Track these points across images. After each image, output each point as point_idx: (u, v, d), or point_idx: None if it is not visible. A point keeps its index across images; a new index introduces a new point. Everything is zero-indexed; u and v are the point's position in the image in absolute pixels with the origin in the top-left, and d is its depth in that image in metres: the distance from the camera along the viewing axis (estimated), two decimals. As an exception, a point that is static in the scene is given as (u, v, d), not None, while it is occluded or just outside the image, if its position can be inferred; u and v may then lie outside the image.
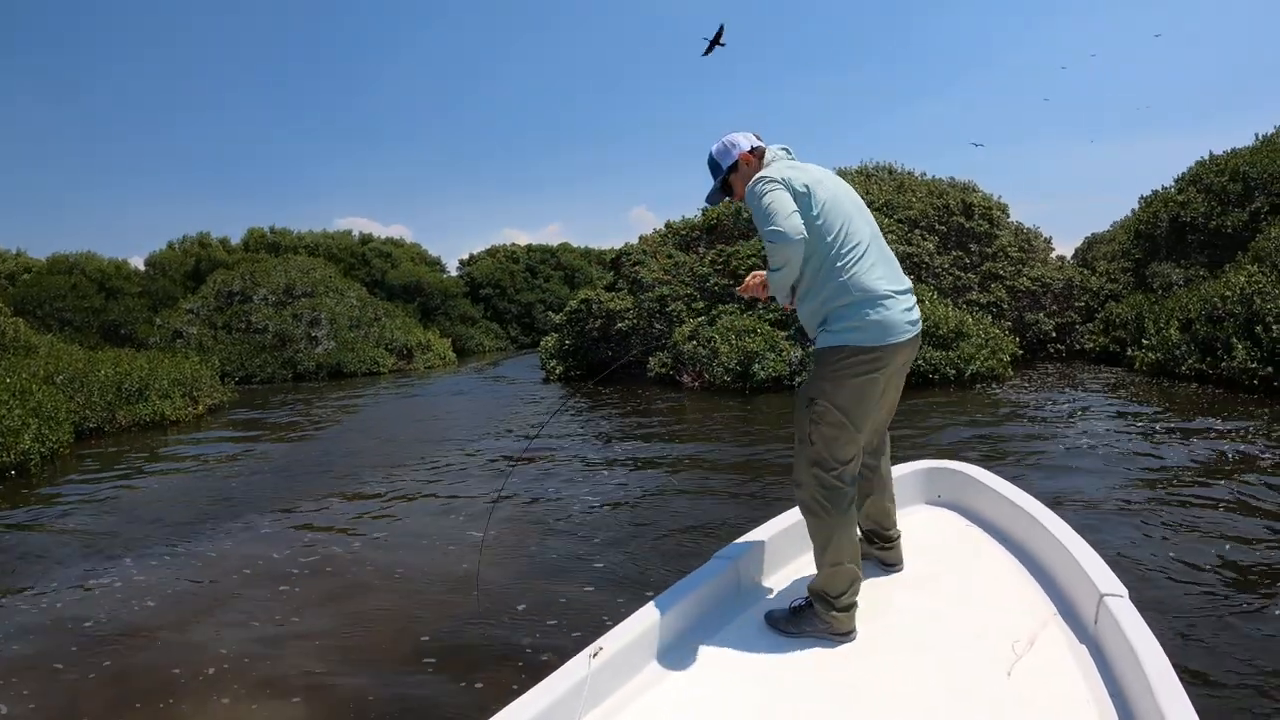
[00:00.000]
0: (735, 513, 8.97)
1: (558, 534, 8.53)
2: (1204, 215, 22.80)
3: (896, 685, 3.16)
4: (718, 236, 25.09)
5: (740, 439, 13.60)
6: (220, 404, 23.42)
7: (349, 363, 36.46)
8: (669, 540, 8.11)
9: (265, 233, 55.15)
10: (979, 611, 3.73)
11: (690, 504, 9.51)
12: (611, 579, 7.05)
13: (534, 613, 6.33)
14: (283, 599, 7.08)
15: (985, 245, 24.01)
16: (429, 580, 7.32)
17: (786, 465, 10.98)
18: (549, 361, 27.74)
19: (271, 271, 40.86)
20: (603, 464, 12.25)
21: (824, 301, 3.75)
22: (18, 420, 13.78)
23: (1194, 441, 11.15)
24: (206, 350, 33.86)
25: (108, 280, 42.13)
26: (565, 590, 6.78)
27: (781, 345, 19.97)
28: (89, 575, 7.92)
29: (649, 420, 16.77)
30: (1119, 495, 8.65)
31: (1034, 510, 4.30)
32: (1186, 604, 5.68)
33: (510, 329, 57.72)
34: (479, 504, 10.06)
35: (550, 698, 2.86)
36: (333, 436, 17.48)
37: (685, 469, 11.45)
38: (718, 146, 4.07)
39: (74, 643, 6.26)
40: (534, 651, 5.58)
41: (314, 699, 5.16)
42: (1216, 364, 16.58)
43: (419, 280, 53.65)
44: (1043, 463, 10.38)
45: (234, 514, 10.17)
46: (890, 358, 3.71)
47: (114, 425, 18.35)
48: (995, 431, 12.75)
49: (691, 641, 3.58)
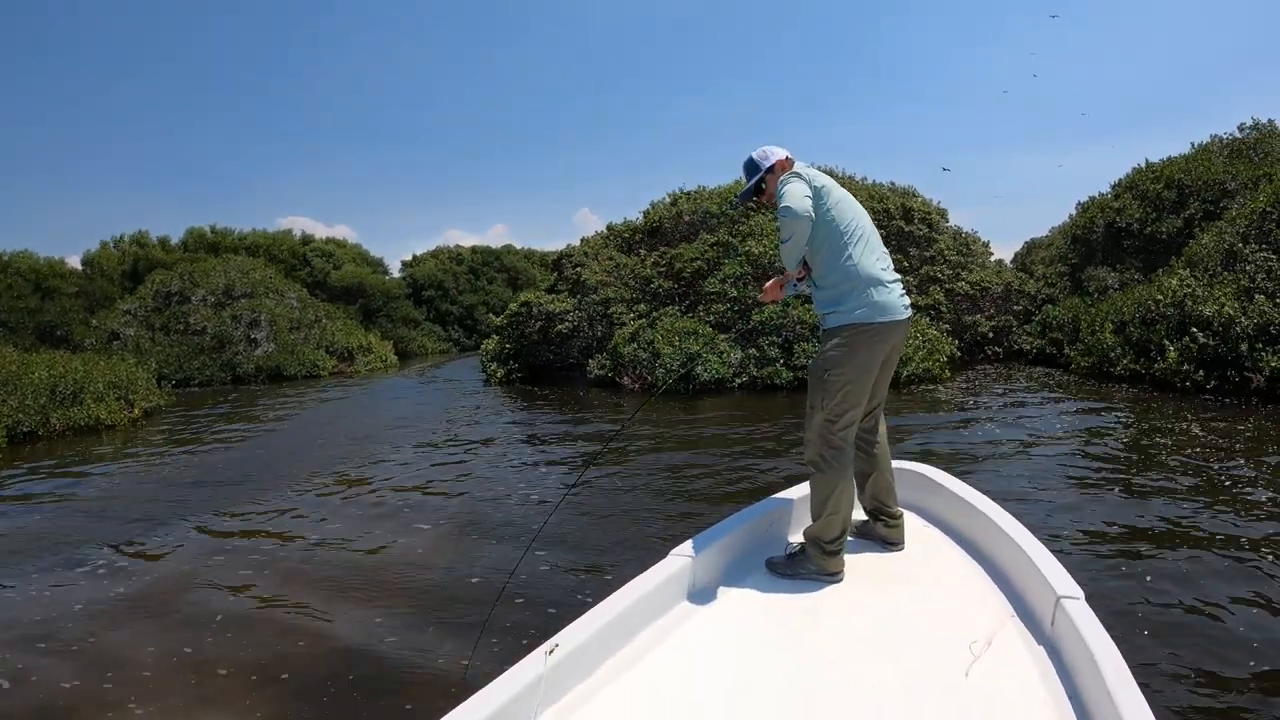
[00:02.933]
0: (687, 509, 9.07)
1: (497, 537, 8.53)
2: (1139, 221, 23.39)
3: (854, 684, 3.18)
4: (659, 239, 25.16)
5: (685, 441, 13.67)
6: (157, 407, 23.03)
7: (289, 365, 36.05)
8: (621, 537, 8.20)
9: (205, 232, 54.45)
10: (937, 612, 3.79)
11: (639, 502, 9.57)
12: (558, 576, 7.11)
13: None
14: (213, 604, 7.02)
15: (924, 249, 24.31)
16: (357, 585, 7.28)
17: (732, 467, 11.08)
18: (490, 364, 27.59)
19: (211, 272, 40.36)
20: (543, 463, 12.27)
21: (834, 285, 4.41)
22: None
23: (1129, 440, 11.44)
24: (144, 352, 33.37)
25: (43, 280, 41.33)
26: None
27: (722, 348, 20.02)
28: (10, 581, 7.83)
29: (590, 423, 16.81)
30: (1059, 494, 8.87)
31: (991, 512, 4.43)
32: (1134, 600, 5.82)
33: (452, 331, 57.45)
34: (409, 503, 10.09)
35: (506, 695, 2.84)
36: (269, 440, 17.24)
37: (633, 469, 11.49)
38: (759, 152, 4.77)
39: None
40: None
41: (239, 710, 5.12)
42: (1150, 365, 17.04)
43: (361, 282, 53.27)
44: (981, 463, 10.55)
45: (165, 518, 10.05)
46: (889, 334, 4.38)
47: (48, 429, 18.00)
48: (932, 432, 12.97)
49: (647, 637, 3.61)
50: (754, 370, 19.89)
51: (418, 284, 58.41)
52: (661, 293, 23.27)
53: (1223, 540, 7.09)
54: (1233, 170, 22.66)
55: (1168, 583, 6.16)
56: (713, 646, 3.57)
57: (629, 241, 26.25)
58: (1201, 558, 6.69)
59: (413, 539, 8.72)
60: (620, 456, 12.38)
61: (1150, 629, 5.34)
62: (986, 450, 11.37)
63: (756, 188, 4.79)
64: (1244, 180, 21.85)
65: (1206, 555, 6.74)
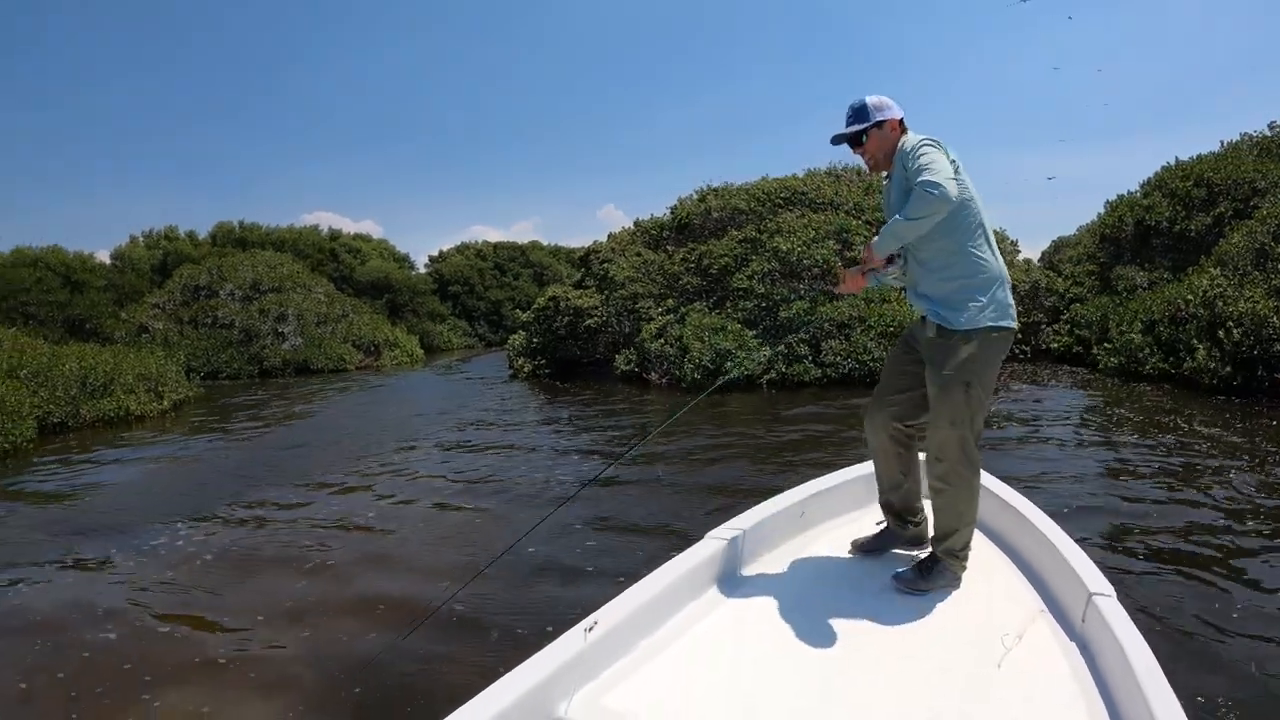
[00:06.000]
0: (722, 501, 9.08)
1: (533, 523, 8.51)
2: (1168, 220, 23.13)
3: (884, 673, 3.19)
4: (688, 235, 25.10)
5: (715, 434, 13.66)
6: (186, 399, 23.20)
7: (316, 359, 36.26)
8: (653, 524, 8.37)
9: (233, 227, 54.59)
10: (968, 605, 3.79)
11: (675, 494, 9.65)
12: (595, 562, 7.18)
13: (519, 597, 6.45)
14: (246, 591, 7.14)
15: None
16: (397, 572, 7.37)
17: (763, 459, 11.08)
18: (516, 359, 27.66)
19: (239, 266, 40.49)
20: (573, 453, 12.37)
21: (963, 278, 3.95)
22: None
23: (1157, 439, 11.33)
24: (172, 345, 33.50)
25: (73, 274, 41.41)
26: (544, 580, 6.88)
27: (751, 344, 19.99)
28: (44, 568, 7.93)
29: (617, 416, 16.87)
30: (1085, 492, 8.80)
31: (1022, 507, 4.39)
32: (1164, 599, 5.78)
33: (478, 326, 57.42)
34: (434, 491, 10.21)
35: (545, 671, 2.88)
36: (300, 431, 17.48)
37: (668, 461, 11.53)
38: (876, 99, 4.09)
39: (26, 635, 6.29)
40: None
41: (285, 692, 5.22)
42: (1178, 364, 16.87)
43: (387, 277, 53.30)
44: (1007, 460, 10.48)
45: (196, 508, 10.16)
46: (1012, 336, 4.07)
47: (78, 420, 18.19)
48: None
49: (685, 618, 3.65)
50: (782, 367, 19.84)
51: (444, 279, 58.40)
52: (689, 289, 23.23)
53: (1255, 542, 7.00)
54: (1263, 169, 22.35)
55: (1198, 582, 6.09)
56: (746, 630, 3.59)
57: (656, 238, 26.18)
58: (1234, 560, 6.61)
59: (448, 520, 9.19)
60: (651, 448, 12.38)
61: (1181, 628, 5.30)
62: (1012, 447, 11.32)
63: (856, 137, 4.14)
64: (1275, 179, 21.52)
65: (1239, 558, 6.66)
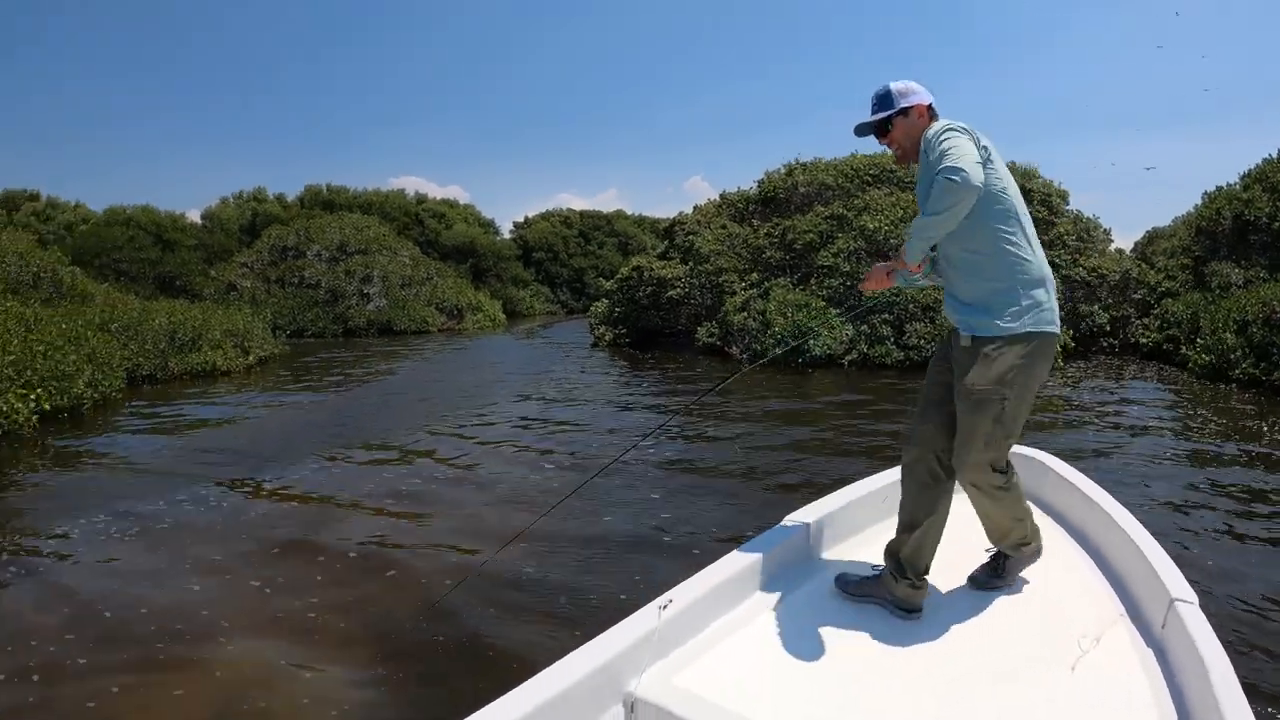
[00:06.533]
0: (797, 478, 9.01)
1: (616, 500, 8.56)
2: (1268, 215, 22.07)
3: (959, 667, 3.14)
4: (773, 209, 24.89)
5: (796, 414, 13.50)
6: (271, 355, 23.71)
7: (399, 320, 36.90)
8: (731, 502, 8.24)
9: (321, 190, 55.40)
10: (1046, 604, 3.69)
11: (747, 471, 9.50)
12: (669, 539, 7.15)
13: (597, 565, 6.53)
14: (327, 540, 7.28)
15: (1043, 232, 23.48)
16: (476, 535, 7.39)
17: (844, 441, 10.98)
18: (598, 327, 27.77)
19: (326, 228, 41.30)
20: (652, 420, 12.35)
21: (998, 279, 3.49)
22: (72, 365, 13.95)
23: (1244, 447, 10.94)
24: (259, 303, 34.24)
25: (164, 233, 42.47)
26: (630, 553, 6.88)
27: (834, 322, 19.76)
28: (126, 516, 8.06)
29: (696, 387, 16.62)
30: (1165, 496, 8.47)
31: (1109, 507, 4.21)
32: (1246, 610, 5.58)
33: (560, 293, 57.73)
34: (515, 455, 10.28)
35: (620, 645, 2.89)
36: (382, 389, 17.85)
37: (748, 437, 11.43)
38: (900, 86, 3.72)
39: (115, 581, 6.42)
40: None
41: (359, 640, 5.30)
42: (1271, 370, 16.01)
43: (472, 242, 53.65)
44: (1085, 456, 10.18)
45: (279, 459, 10.40)
46: (1055, 344, 3.59)
47: (166, 373, 18.62)
48: (1037, 422, 12.49)
49: (760, 601, 3.62)
50: (864, 348, 19.52)
51: (528, 245, 58.74)
52: (773, 263, 22.99)
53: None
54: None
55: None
56: (820, 616, 3.54)
57: (742, 211, 25.92)
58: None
59: (525, 480, 9.34)
60: (731, 425, 12.26)
61: (1262, 641, 5.17)
62: (1092, 443, 10.93)
63: (881, 126, 3.77)
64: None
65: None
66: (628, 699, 2.88)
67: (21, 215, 46.05)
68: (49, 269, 21.95)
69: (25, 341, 13.33)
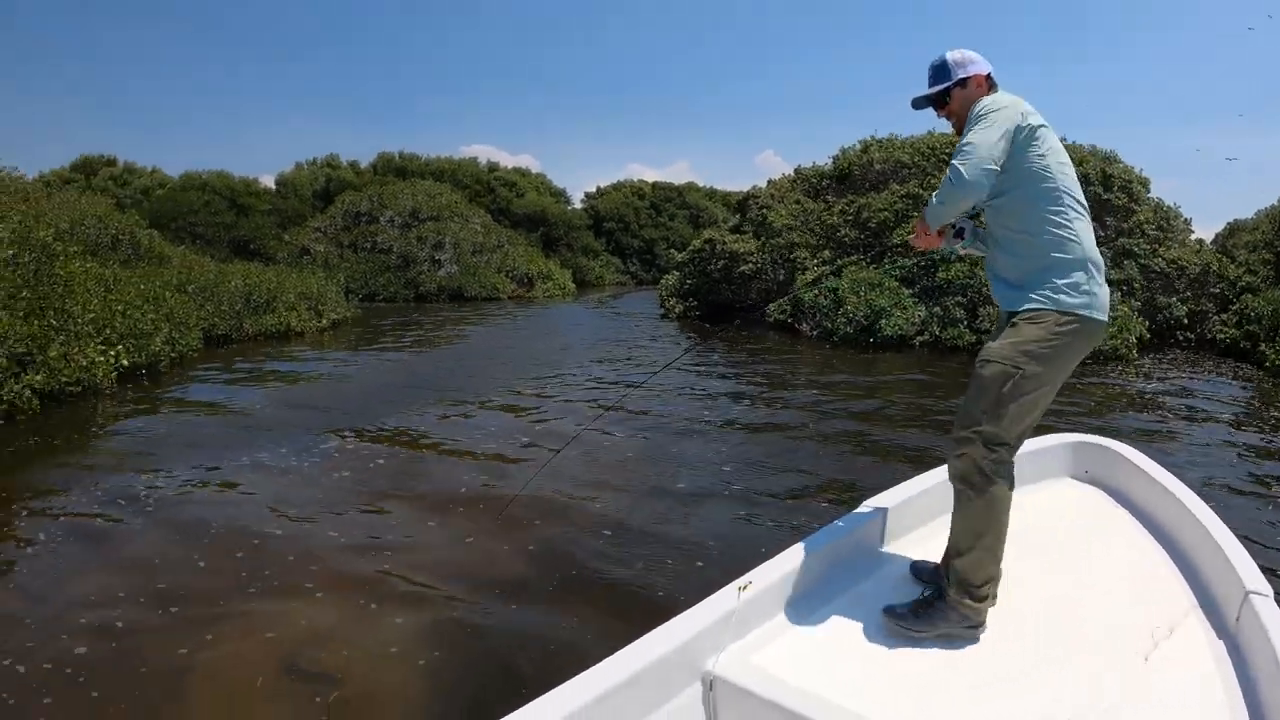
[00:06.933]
0: (866, 462, 8.89)
1: (688, 465, 8.64)
2: (1355, 210, 21.45)
3: (1031, 656, 3.10)
4: (848, 186, 24.59)
5: (869, 392, 13.33)
6: (344, 319, 24.19)
7: (470, 286, 37.25)
8: (804, 482, 8.11)
9: (393, 157, 55.87)
10: (1117, 594, 3.60)
11: (825, 453, 9.39)
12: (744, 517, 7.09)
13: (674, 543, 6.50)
14: (402, 498, 7.46)
15: (1122, 220, 22.85)
16: (552, 502, 7.42)
17: (917, 424, 10.84)
18: (669, 299, 27.70)
19: (399, 195, 41.73)
20: (725, 396, 12.43)
21: (1038, 255, 3.34)
22: (150, 324, 14.23)
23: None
24: (332, 267, 34.65)
25: (238, 197, 43.39)
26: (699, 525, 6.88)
27: (906, 303, 19.51)
28: (204, 470, 8.24)
29: (765, 364, 16.61)
30: (1237, 490, 8.22)
31: (1183, 497, 4.09)
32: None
33: (630, 264, 57.73)
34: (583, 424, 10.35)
35: (698, 625, 2.89)
36: (454, 352, 18.24)
37: (818, 416, 11.29)
38: (957, 55, 3.60)
39: (195, 533, 6.56)
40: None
41: (422, 608, 5.33)
42: None
43: (543, 211, 53.81)
44: (1156, 449, 9.98)
45: (358, 416, 10.69)
46: (1098, 337, 3.41)
47: (241, 334, 19.02)
48: (1108, 413, 12.11)
49: (837, 584, 3.59)
50: (936, 330, 19.14)
51: (599, 216, 58.75)
52: (847, 241, 22.73)
53: None
54: None
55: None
56: (895, 599, 3.48)
57: (816, 187, 25.55)
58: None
59: (597, 446, 9.40)
60: (804, 404, 12.13)
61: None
62: (1161, 435, 10.75)
63: (939, 98, 3.65)
64: None
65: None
66: (706, 677, 2.89)
67: (99, 180, 46.95)
68: (127, 231, 22.41)
69: (105, 301, 13.56)
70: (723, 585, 3.15)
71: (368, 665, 4.59)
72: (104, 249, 20.55)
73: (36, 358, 10.71)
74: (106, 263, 17.65)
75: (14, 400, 10.04)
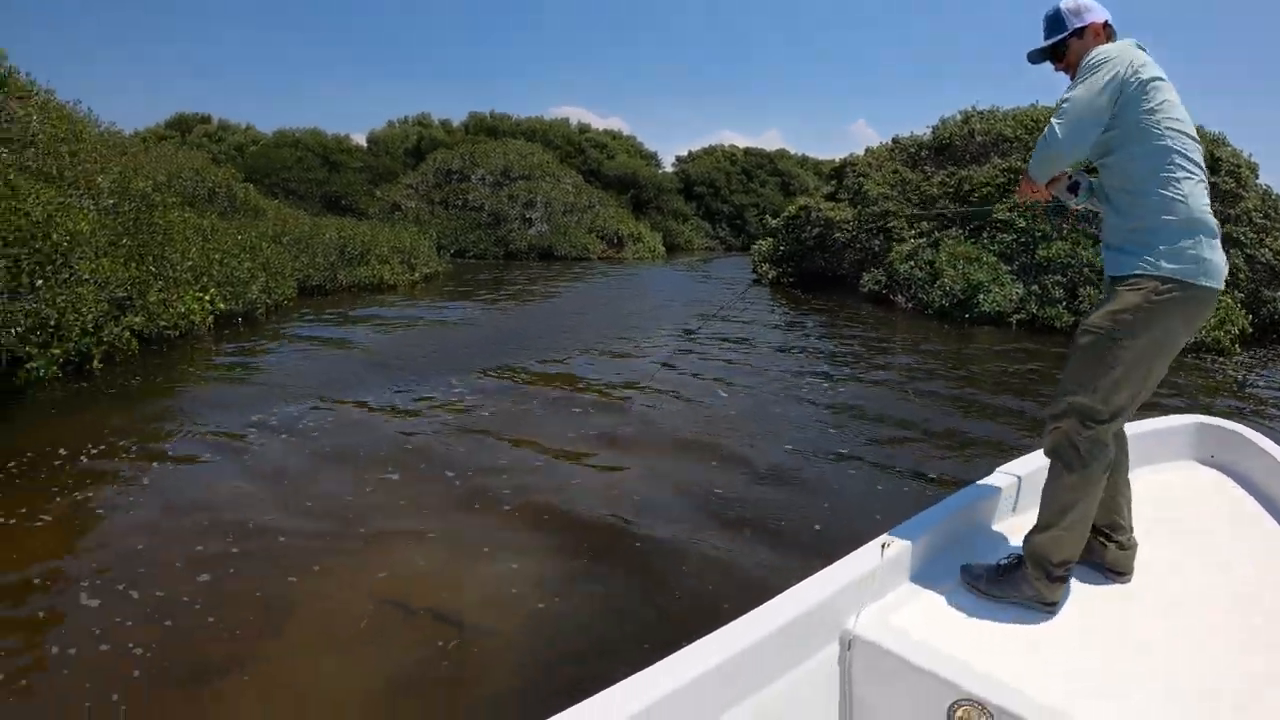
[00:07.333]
0: (979, 431, 8.85)
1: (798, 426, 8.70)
2: None
3: (1171, 639, 2.98)
4: (947, 157, 24.07)
5: (973, 363, 13.10)
6: (436, 273, 24.57)
7: (560, 245, 37.43)
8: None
9: (485, 117, 56.05)
10: (1239, 583, 3.43)
11: (933, 419, 9.35)
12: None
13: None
14: (508, 442, 7.61)
15: (1229, 206, 21.93)
16: (650, 443, 7.78)
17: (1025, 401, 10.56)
18: (761, 264, 27.39)
19: (490, 154, 41.85)
20: (826, 364, 12.46)
21: (1145, 216, 3.12)
22: (247, 273, 14.55)
23: None
24: (423, 224, 34.92)
25: (330, 154, 43.99)
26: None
27: (1004, 279, 19.00)
28: (310, 410, 8.55)
29: (857, 334, 16.34)
30: None
31: None
32: None
33: (720, 229, 57.30)
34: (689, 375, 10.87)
35: (838, 584, 2.88)
36: (551, 309, 18.50)
37: (921, 380, 11.32)
38: (1071, 4, 3.39)
39: (303, 470, 6.80)
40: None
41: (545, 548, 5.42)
42: None
43: (634, 173, 53.56)
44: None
45: (461, 365, 10.99)
46: (1208, 305, 3.15)
47: (335, 285, 19.37)
48: (1211, 399, 11.56)
49: (970, 549, 3.54)
50: (1034, 308, 18.46)
51: (690, 180, 58.36)
52: (949, 215, 22.31)
53: None
54: None
55: None
56: None
57: (914, 156, 24.91)
58: None
59: (694, 404, 9.50)
60: (906, 370, 11.98)
61: None
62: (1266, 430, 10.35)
63: (1054, 50, 3.46)
64: None
65: None
66: (844, 636, 2.88)
67: (194, 137, 47.62)
68: (223, 185, 22.81)
69: (203, 249, 13.86)
70: (841, 543, 3.22)
71: (487, 608, 4.58)
72: (201, 201, 20.97)
73: (136, 302, 10.91)
74: (203, 214, 17.91)
75: (113, 342, 10.22)
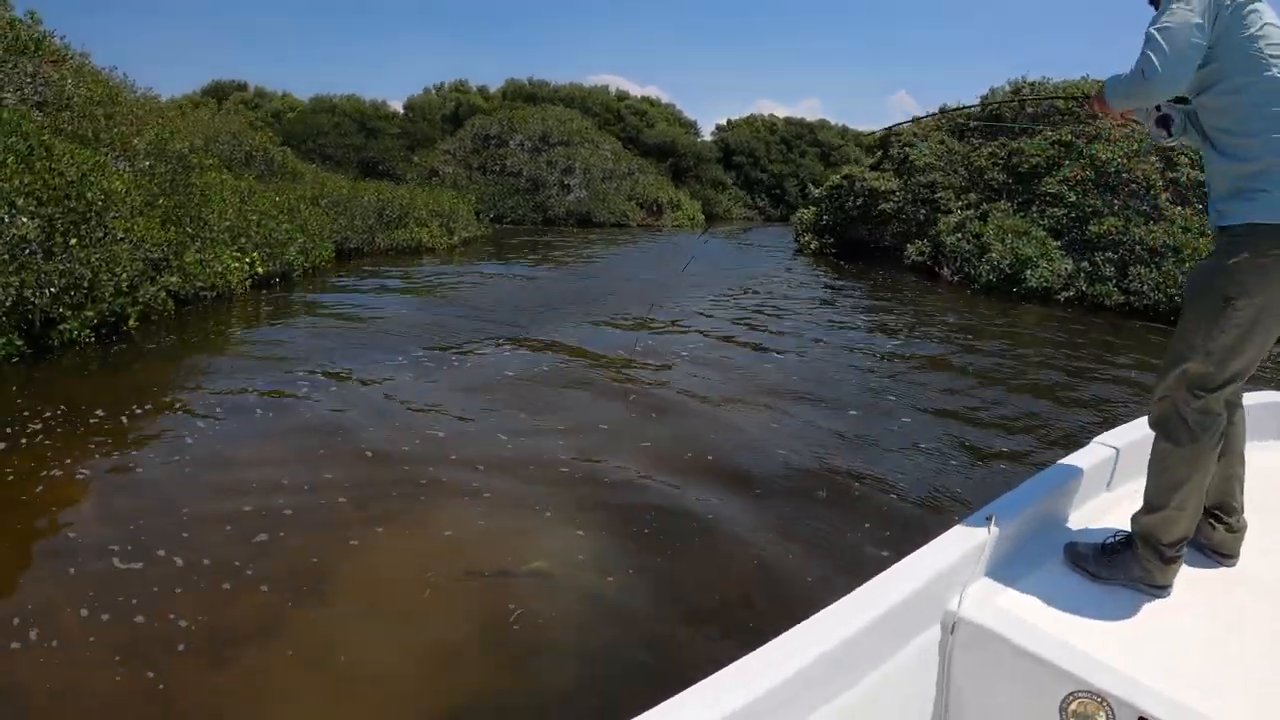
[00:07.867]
0: (1044, 406, 8.69)
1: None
2: None
3: (1258, 621, 2.81)
4: (996, 129, 23.59)
5: (1023, 340, 12.87)
6: (475, 237, 24.67)
7: (598, 212, 37.32)
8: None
9: (523, 83, 55.69)
10: None
11: (991, 393, 9.20)
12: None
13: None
14: (546, 409, 7.56)
15: None
16: (690, 409, 7.82)
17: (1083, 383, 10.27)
18: (803, 235, 27.00)
19: (529, 119, 41.73)
20: (873, 332, 12.61)
21: (1253, 159, 2.70)
22: (285, 234, 14.49)
23: None
24: (461, 188, 34.81)
25: (367, 120, 44.05)
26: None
27: (1054, 255, 18.52)
28: (356, 368, 8.62)
29: (903, 306, 16.24)
30: None
31: None
32: None
33: (759, 199, 56.80)
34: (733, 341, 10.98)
35: (941, 563, 2.70)
36: (588, 272, 18.61)
37: (974, 356, 11.14)
38: None
39: (352, 428, 6.82)
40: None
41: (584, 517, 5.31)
42: None
43: (673, 141, 53.12)
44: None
45: (499, 329, 11.03)
46: None
47: (373, 247, 19.37)
48: None
49: (1071, 523, 3.41)
50: (1083, 285, 17.94)
51: (729, 149, 57.83)
52: (994, 185, 21.79)
53: None
54: None
55: None
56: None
57: (962, 128, 24.66)
58: None
59: (735, 372, 9.56)
60: (958, 344, 11.83)
61: None
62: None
63: None
64: None
65: None
66: (948, 618, 2.69)
67: (230, 104, 47.52)
68: (261, 148, 22.72)
69: (240, 211, 13.79)
70: (917, 521, 2.96)
71: (555, 575, 4.51)
72: (238, 164, 20.90)
73: (172, 262, 10.80)
74: (241, 177, 17.83)
75: (149, 302, 10.09)
